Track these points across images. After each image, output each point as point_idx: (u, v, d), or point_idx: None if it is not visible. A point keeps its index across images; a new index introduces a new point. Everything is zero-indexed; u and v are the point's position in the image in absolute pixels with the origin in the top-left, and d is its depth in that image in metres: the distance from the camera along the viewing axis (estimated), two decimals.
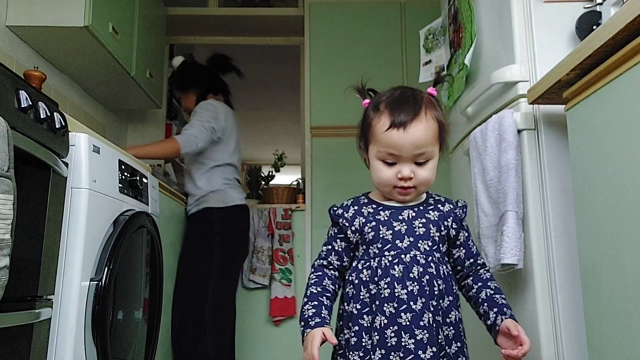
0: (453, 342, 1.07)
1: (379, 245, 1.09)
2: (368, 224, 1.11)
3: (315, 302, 1.07)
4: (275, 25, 3.61)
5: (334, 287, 1.12)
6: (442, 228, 1.11)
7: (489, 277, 1.15)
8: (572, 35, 1.39)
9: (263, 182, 3.48)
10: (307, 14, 3.35)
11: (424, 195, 1.16)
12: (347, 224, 1.13)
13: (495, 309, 1.08)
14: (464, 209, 1.16)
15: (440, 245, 1.11)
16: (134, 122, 3.54)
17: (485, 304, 1.10)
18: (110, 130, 3.21)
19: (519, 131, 1.36)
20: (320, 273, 1.13)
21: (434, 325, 1.03)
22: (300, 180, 3.39)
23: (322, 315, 1.06)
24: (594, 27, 1.31)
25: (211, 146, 2.53)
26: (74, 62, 2.50)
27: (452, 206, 1.15)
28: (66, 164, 1.41)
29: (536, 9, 1.42)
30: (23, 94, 1.20)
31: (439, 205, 1.14)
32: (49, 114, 1.30)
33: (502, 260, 1.31)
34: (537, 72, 1.38)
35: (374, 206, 1.13)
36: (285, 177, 3.82)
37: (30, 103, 1.22)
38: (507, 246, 1.30)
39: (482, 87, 1.53)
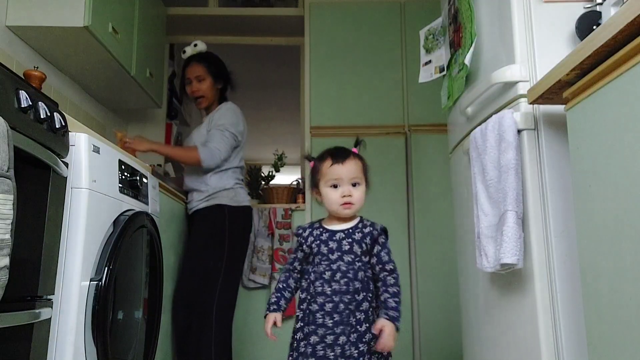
0: (363, 323, 1.46)
1: (319, 257, 1.51)
2: (315, 242, 1.53)
3: (279, 294, 1.56)
4: (275, 25, 3.61)
5: (295, 284, 1.59)
6: (363, 245, 1.50)
7: (392, 282, 1.49)
8: (572, 35, 1.39)
9: (263, 182, 3.48)
10: (307, 14, 3.35)
11: (356, 220, 1.54)
12: (303, 241, 1.56)
13: (383, 309, 1.46)
14: (380, 230, 1.52)
15: (362, 257, 1.50)
16: (134, 122, 3.54)
17: (381, 304, 1.49)
18: (110, 130, 3.21)
19: (519, 131, 1.36)
20: (287, 274, 1.60)
21: (347, 311, 1.45)
22: (300, 180, 3.39)
23: (279, 304, 1.55)
24: (594, 27, 1.31)
25: None
26: (74, 62, 2.50)
27: (371, 228, 1.52)
28: (66, 164, 1.41)
29: (536, 9, 1.42)
30: (23, 94, 1.20)
31: (364, 229, 1.52)
32: (49, 114, 1.30)
33: (501, 259, 1.31)
34: (537, 72, 1.38)
35: (321, 229, 1.56)
36: (285, 177, 3.82)
37: (30, 103, 1.22)
38: (507, 246, 1.30)
39: (482, 87, 1.53)
